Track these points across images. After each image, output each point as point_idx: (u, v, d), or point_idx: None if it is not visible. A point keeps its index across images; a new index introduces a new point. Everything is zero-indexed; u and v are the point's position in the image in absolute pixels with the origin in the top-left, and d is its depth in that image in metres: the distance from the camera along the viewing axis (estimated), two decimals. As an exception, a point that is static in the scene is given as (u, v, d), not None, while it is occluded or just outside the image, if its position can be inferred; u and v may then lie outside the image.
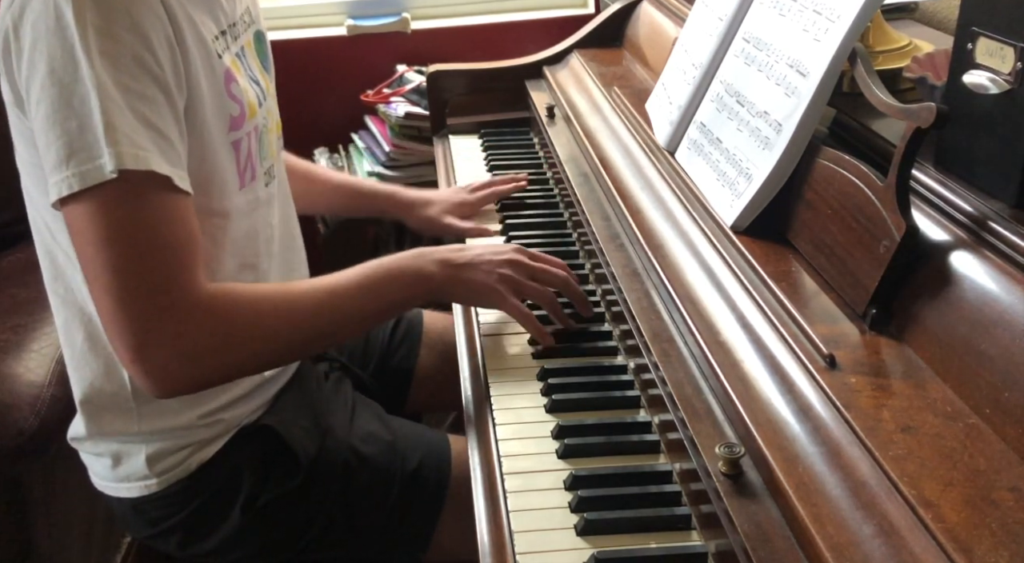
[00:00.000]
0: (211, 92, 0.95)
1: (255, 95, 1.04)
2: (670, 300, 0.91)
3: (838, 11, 0.88)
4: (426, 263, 1.03)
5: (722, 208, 0.98)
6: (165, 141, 0.87)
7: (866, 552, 0.58)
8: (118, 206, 0.84)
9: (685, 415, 0.77)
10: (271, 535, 1.09)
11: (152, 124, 0.86)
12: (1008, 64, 0.74)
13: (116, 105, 0.83)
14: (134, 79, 0.85)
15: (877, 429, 0.66)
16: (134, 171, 0.83)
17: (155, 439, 1.04)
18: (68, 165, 0.83)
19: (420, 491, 1.12)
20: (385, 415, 1.22)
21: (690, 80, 1.14)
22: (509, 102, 1.69)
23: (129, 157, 0.83)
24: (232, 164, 1.00)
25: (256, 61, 1.10)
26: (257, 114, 1.04)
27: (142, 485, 1.06)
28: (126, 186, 0.84)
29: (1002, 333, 0.66)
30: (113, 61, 0.83)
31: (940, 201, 0.79)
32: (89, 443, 1.07)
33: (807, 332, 0.77)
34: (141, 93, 0.85)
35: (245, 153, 1.02)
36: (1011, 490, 0.59)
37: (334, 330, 1.00)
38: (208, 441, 1.06)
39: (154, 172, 0.85)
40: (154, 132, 0.86)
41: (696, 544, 0.76)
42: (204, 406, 1.04)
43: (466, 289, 1.04)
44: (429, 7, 2.39)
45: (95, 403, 1.04)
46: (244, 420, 1.09)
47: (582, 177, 1.27)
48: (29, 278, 1.65)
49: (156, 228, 0.86)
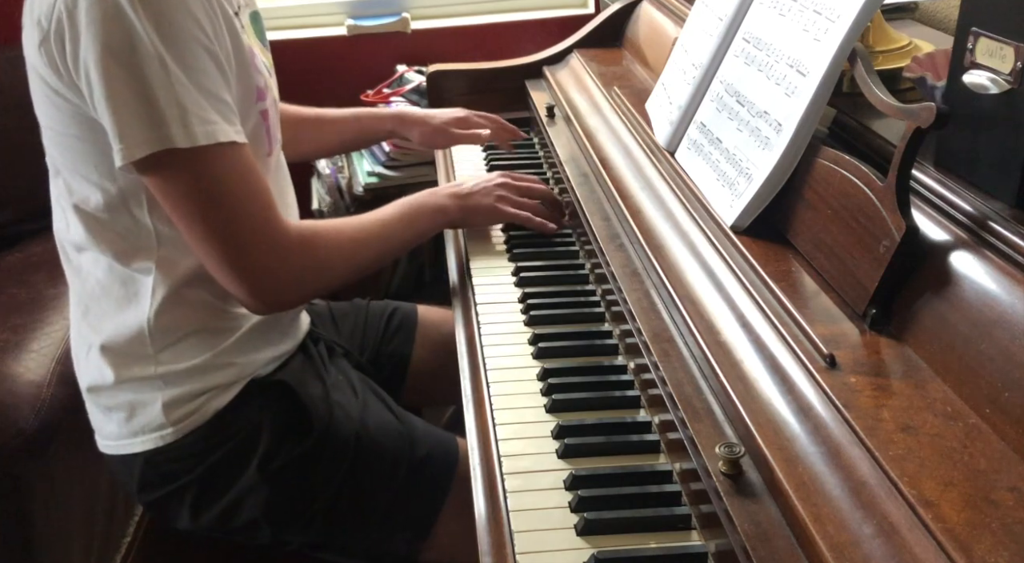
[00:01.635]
0: (239, 63, 1.02)
1: (266, 70, 1.11)
2: (670, 300, 0.91)
3: (838, 11, 0.88)
4: (440, 198, 1.23)
5: (722, 208, 0.98)
6: (225, 106, 0.97)
7: (866, 552, 0.58)
8: (201, 174, 0.95)
9: (685, 415, 0.77)
10: (280, 502, 1.11)
11: (214, 94, 0.95)
12: (1008, 64, 0.74)
13: (179, 83, 0.91)
14: (193, 57, 0.93)
15: (877, 429, 0.66)
16: (206, 146, 0.93)
17: (172, 384, 1.07)
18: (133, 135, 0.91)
19: (426, 477, 1.15)
20: (396, 407, 1.25)
21: (690, 80, 1.14)
22: (509, 102, 1.69)
23: (202, 135, 0.93)
24: (263, 132, 1.09)
25: (255, 40, 1.13)
26: (272, 88, 1.12)
27: (157, 437, 1.08)
28: (202, 156, 0.94)
29: (1002, 333, 0.66)
30: (176, 44, 0.92)
31: (940, 201, 0.79)
32: (105, 395, 1.09)
33: (807, 332, 0.77)
34: (200, 68, 0.94)
35: (271, 123, 1.11)
36: (1011, 490, 0.59)
37: (385, 253, 1.19)
38: (223, 388, 1.09)
39: (223, 142, 0.94)
40: (217, 102, 0.95)
41: (696, 544, 0.76)
42: (217, 346, 1.09)
43: (476, 212, 1.25)
44: (429, 7, 2.39)
45: (114, 348, 1.08)
46: (258, 370, 1.13)
47: (582, 177, 1.27)
48: (29, 278, 1.65)
49: (235, 183, 0.97)
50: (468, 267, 1.24)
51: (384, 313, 1.45)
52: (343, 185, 2.18)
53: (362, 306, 1.46)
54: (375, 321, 1.44)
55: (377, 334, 1.42)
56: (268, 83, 1.10)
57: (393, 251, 1.22)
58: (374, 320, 1.44)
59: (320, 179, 2.26)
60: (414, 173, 2.12)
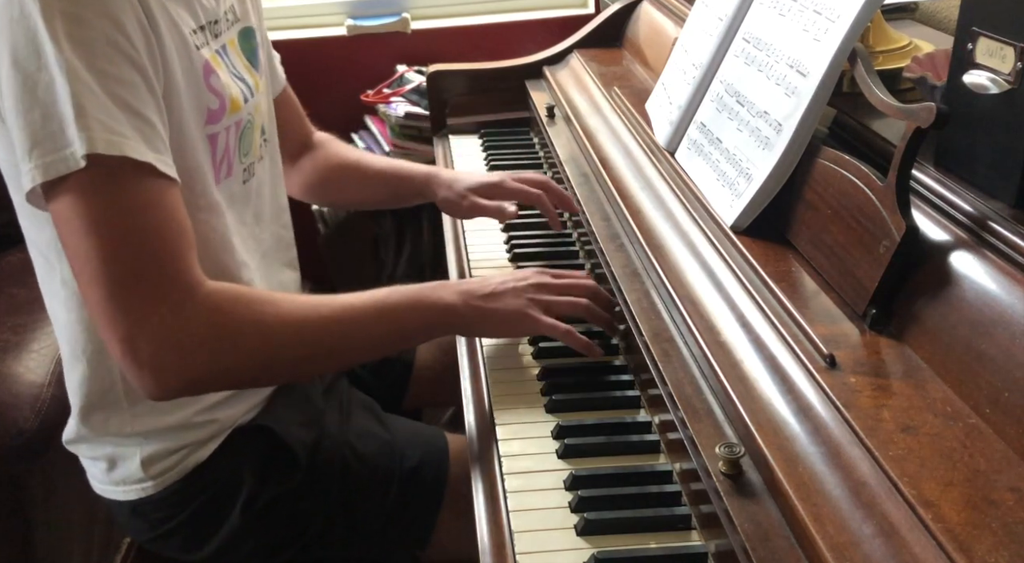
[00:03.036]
0: (188, 82, 0.92)
1: (240, 91, 1.02)
2: (670, 300, 0.91)
3: (838, 11, 0.88)
4: (448, 294, 0.97)
5: (722, 208, 0.98)
6: (147, 125, 0.84)
7: (866, 552, 0.58)
8: (96, 193, 0.81)
9: (685, 415, 0.77)
10: (272, 535, 1.09)
11: (132, 108, 0.83)
12: (1008, 64, 0.74)
13: (89, 89, 0.80)
14: (110, 63, 0.82)
15: (877, 429, 0.66)
16: (107, 156, 0.80)
17: (149, 441, 1.03)
18: (31, 156, 0.81)
19: (418, 489, 1.11)
20: (381, 413, 1.22)
21: (690, 80, 1.14)
22: (509, 102, 1.69)
23: (101, 142, 0.80)
24: (208, 157, 0.98)
25: (241, 59, 1.07)
26: (241, 110, 1.02)
27: (139, 488, 1.05)
28: (102, 172, 0.80)
29: (1002, 333, 0.66)
30: (86, 46, 0.80)
31: (940, 201, 0.79)
32: (84, 446, 1.07)
33: (807, 332, 0.77)
34: (119, 77, 0.82)
35: (222, 148, 1.00)
36: (1011, 490, 0.59)
37: (342, 351, 0.95)
38: (203, 442, 1.05)
39: (130, 158, 0.81)
40: (134, 116, 0.83)
41: (696, 544, 0.76)
42: (197, 404, 1.03)
43: (495, 319, 0.98)
44: (429, 7, 2.39)
45: (89, 404, 1.02)
46: (239, 420, 1.08)
47: (582, 177, 1.27)
48: (29, 278, 1.64)
49: (139, 214, 0.82)
50: (469, 267, 1.24)
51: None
52: (343, 185, 2.18)
53: None
54: None
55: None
56: (232, 105, 0.99)
57: (362, 348, 0.97)
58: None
59: (320, 179, 2.26)
60: (414, 173, 2.11)
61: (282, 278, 1.20)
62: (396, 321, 0.95)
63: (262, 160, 1.13)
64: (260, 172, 1.12)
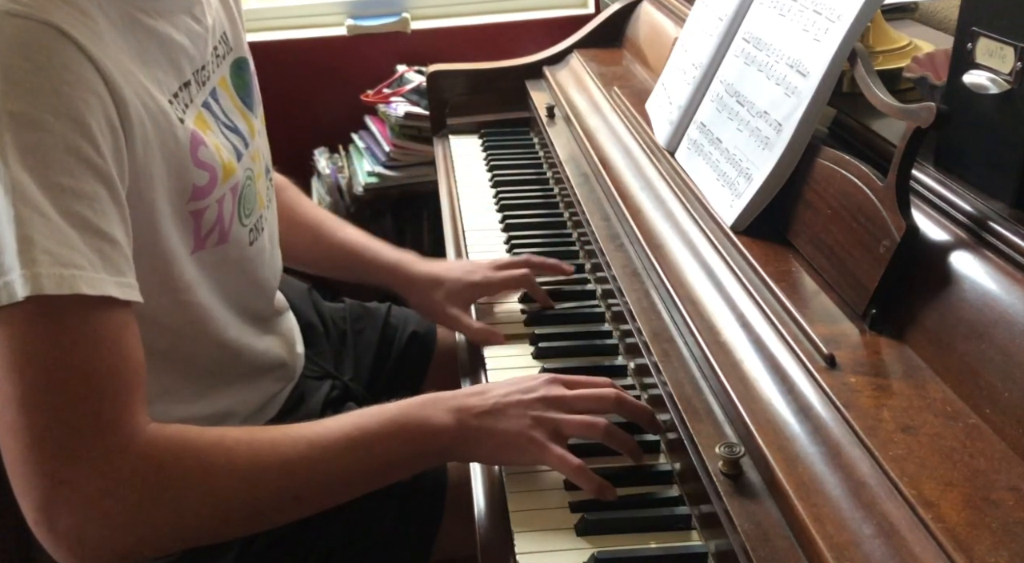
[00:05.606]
0: (170, 169, 0.82)
1: (230, 150, 0.93)
2: (670, 300, 0.91)
3: (838, 11, 0.88)
4: (437, 412, 0.83)
5: (722, 208, 0.98)
6: (108, 244, 0.73)
7: (866, 552, 0.58)
8: (30, 327, 0.69)
9: (685, 415, 0.77)
10: None
11: (92, 226, 0.71)
12: (1008, 64, 0.74)
13: (39, 213, 0.69)
14: (69, 175, 0.70)
15: (877, 429, 0.66)
16: (55, 296, 0.68)
17: None
18: None
19: (418, 504, 1.06)
20: None
21: (690, 80, 1.14)
22: (509, 102, 1.69)
23: (50, 280, 0.68)
24: (188, 233, 0.87)
25: (234, 100, 0.99)
26: (236, 172, 0.93)
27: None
28: (43, 308, 0.69)
29: (1002, 333, 0.66)
30: (40, 156, 0.69)
31: (940, 201, 0.79)
32: None
33: (807, 332, 0.77)
34: (78, 191, 0.71)
35: (211, 220, 0.90)
36: (1011, 490, 0.59)
37: (310, 495, 0.80)
38: None
39: (84, 295, 0.70)
40: (93, 236, 0.71)
41: (696, 544, 0.76)
42: None
43: (493, 443, 0.83)
44: (429, 7, 2.39)
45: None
46: None
47: (582, 177, 1.27)
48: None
49: (77, 352, 0.70)
50: (468, 267, 1.24)
51: (402, 337, 1.29)
52: (343, 185, 2.18)
53: (376, 317, 1.32)
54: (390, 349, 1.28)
55: (393, 363, 1.28)
56: (224, 172, 0.90)
57: (334, 489, 0.81)
58: (385, 347, 1.28)
59: (320, 179, 2.27)
60: (414, 173, 2.12)
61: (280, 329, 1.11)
62: (373, 453, 0.80)
63: (270, 204, 1.04)
64: (270, 218, 1.03)
